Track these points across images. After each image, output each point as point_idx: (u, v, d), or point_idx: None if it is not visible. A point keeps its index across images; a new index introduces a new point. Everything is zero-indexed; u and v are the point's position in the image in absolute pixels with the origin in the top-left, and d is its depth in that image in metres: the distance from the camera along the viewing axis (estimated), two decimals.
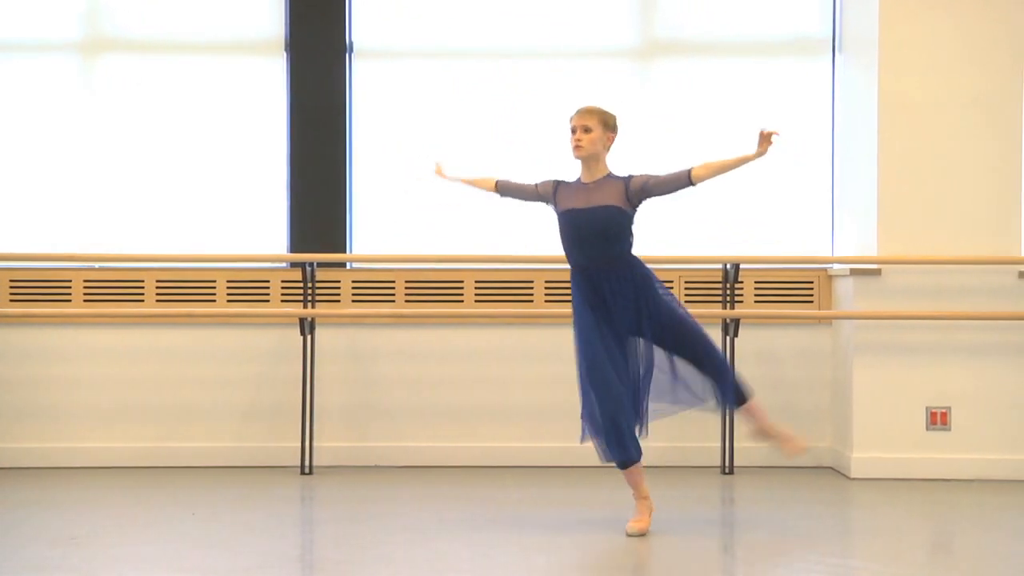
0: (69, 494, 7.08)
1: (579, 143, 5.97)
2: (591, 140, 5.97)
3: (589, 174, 6.03)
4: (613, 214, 5.93)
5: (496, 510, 6.66)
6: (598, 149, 6.00)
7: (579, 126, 5.98)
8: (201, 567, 5.39)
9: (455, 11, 8.15)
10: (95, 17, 8.10)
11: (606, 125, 6.01)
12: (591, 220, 5.93)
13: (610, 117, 6.04)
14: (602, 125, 6.00)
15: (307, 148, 8.04)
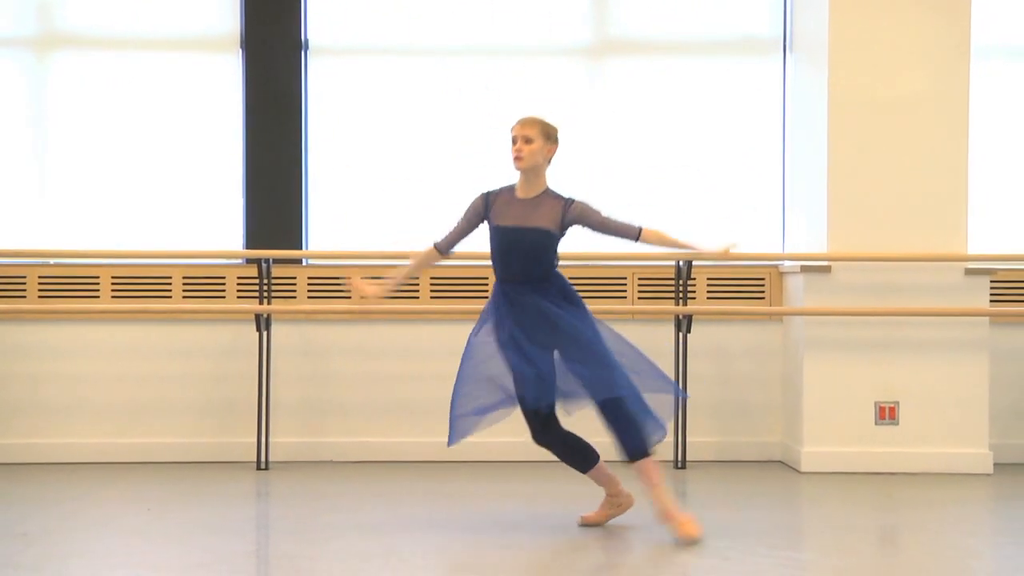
0: (20, 490, 7.00)
1: (520, 154, 5.78)
2: (531, 151, 5.78)
3: (526, 188, 5.85)
4: (542, 237, 5.78)
5: (450, 505, 6.64)
6: (538, 161, 5.81)
7: (520, 136, 5.80)
8: (155, 563, 5.34)
9: (409, 9, 8.11)
10: (48, 13, 8.02)
11: (548, 137, 5.83)
12: (521, 240, 5.77)
13: (552, 129, 5.86)
14: (543, 136, 5.82)
15: (263, 145, 8.00)
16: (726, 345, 8.00)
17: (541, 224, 5.78)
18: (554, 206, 5.81)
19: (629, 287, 8.00)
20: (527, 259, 5.79)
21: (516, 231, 5.78)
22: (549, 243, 5.81)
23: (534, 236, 5.77)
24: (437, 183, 8.07)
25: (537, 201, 5.83)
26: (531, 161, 5.79)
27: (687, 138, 8.18)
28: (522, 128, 5.82)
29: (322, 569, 5.27)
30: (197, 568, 5.21)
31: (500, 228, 5.82)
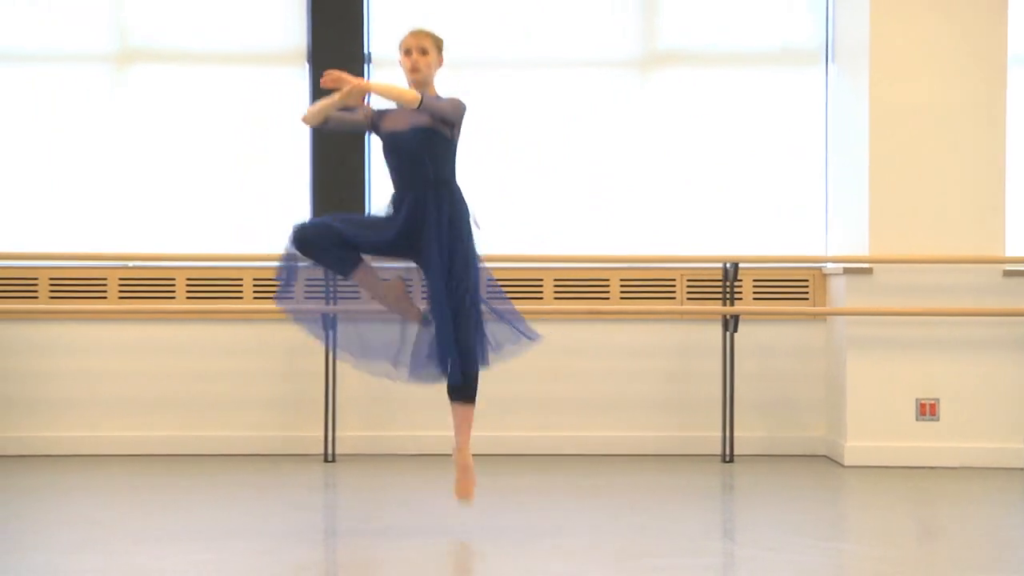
0: (97, 481, 7.13)
1: (416, 65, 5.55)
2: (427, 63, 5.57)
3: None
4: (424, 136, 5.52)
5: (507, 496, 6.70)
6: (432, 73, 5.60)
7: (416, 47, 5.56)
8: (221, 548, 5.44)
9: (465, 22, 8.18)
10: (127, 30, 8.15)
11: (439, 49, 5.63)
12: (401, 141, 5.55)
13: (441, 41, 5.65)
14: (436, 49, 5.61)
15: (328, 153, 8.08)
16: (771, 344, 8.04)
17: (420, 123, 5.53)
18: None
19: (678, 288, 8.05)
20: (414, 160, 5.56)
21: (404, 133, 5.56)
22: (438, 141, 5.58)
23: (422, 135, 5.54)
24: (492, 186, 8.14)
25: None
26: (427, 73, 5.59)
27: (732, 146, 8.21)
28: (417, 39, 5.60)
29: (388, 555, 5.36)
30: (267, 554, 5.33)
31: (384, 134, 5.61)
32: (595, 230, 8.14)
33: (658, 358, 8.04)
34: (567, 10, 8.18)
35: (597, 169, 8.18)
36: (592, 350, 8.04)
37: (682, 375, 8.04)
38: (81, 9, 8.09)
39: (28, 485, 6.99)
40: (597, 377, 8.03)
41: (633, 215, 8.17)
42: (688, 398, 8.02)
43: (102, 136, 8.11)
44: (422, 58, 5.59)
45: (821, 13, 8.14)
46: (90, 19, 8.11)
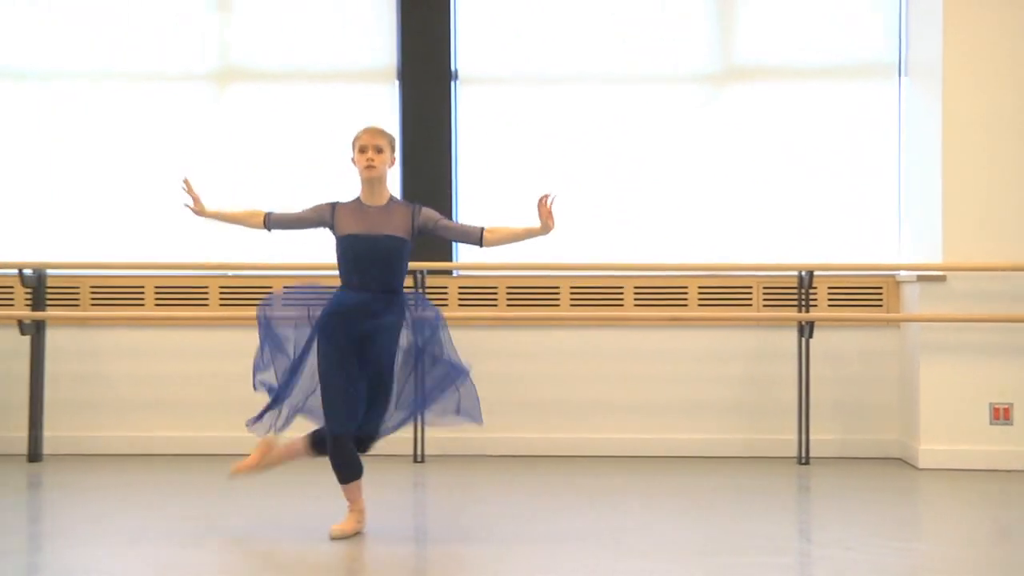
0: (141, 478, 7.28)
1: (372, 163, 5.57)
2: (383, 160, 5.60)
3: (372, 196, 5.64)
4: (398, 245, 5.58)
5: (588, 496, 6.74)
6: (386, 170, 5.63)
7: (371, 145, 5.59)
8: (318, 543, 5.53)
9: (545, 41, 8.23)
10: (227, 51, 8.29)
11: (392, 147, 5.66)
12: (375, 248, 5.55)
13: (393, 140, 5.71)
14: (390, 147, 5.64)
15: (417, 166, 8.17)
16: (846, 349, 8.00)
17: (396, 232, 5.59)
18: (403, 212, 5.64)
19: (754, 295, 8.04)
20: (383, 267, 5.57)
21: (368, 239, 5.57)
22: (403, 251, 5.62)
23: (389, 243, 5.57)
24: (574, 198, 8.18)
25: (386, 209, 5.64)
26: (383, 170, 5.61)
27: (808, 157, 8.19)
28: (372, 138, 5.62)
29: (474, 550, 5.42)
30: (365, 547, 5.41)
31: (349, 236, 5.59)
32: (674, 239, 8.16)
33: (735, 363, 8.04)
34: (647, 28, 8.20)
35: (676, 181, 8.20)
36: (671, 355, 8.05)
37: (758, 379, 8.02)
38: (184, 32, 8.25)
39: (120, 482, 7.14)
40: (676, 381, 8.04)
41: (711, 225, 8.18)
42: (764, 402, 8.01)
43: (203, 150, 8.25)
44: (377, 156, 5.61)
45: (895, 28, 8.10)
46: (193, 41, 8.26)
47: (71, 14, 8.26)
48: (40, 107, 8.30)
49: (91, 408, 8.08)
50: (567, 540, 5.62)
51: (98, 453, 7.97)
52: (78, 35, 8.26)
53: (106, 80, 8.28)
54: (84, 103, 8.28)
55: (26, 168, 8.30)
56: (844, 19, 8.16)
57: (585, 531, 5.81)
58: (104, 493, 6.79)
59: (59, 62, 8.27)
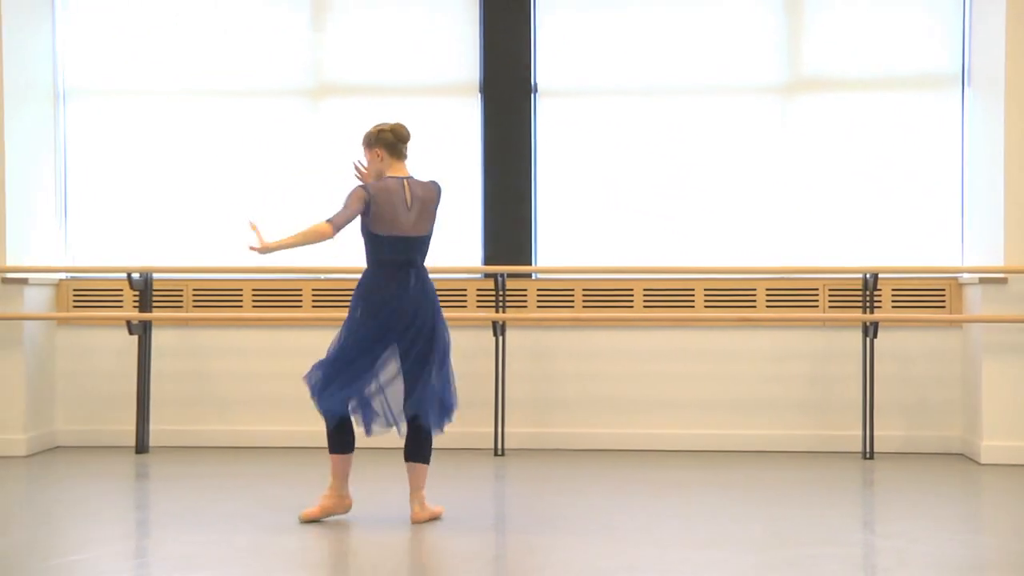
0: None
1: (359, 176, 5.89)
2: (368, 168, 5.85)
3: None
4: None
5: (657, 489, 6.73)
6: (375, 168, 5.80)
7: (354, 164, 5.90)
8: (401, 532, 5.57)
9: (621, 54, 8.22)
10: (320, 67, 8.39)
11: (368, 147, 5.81)
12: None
13: (368, 137, 5.83)
14: (365, 149, 5.82)
15: (499, 175, 8.21)
16: (909, 349, 7.91)
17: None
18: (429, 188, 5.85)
19: (820, 297, 7.98)
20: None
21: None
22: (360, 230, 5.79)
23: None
24: (648, 207, 8.19)
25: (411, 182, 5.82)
26: (370, 175, 5.84)
27: (872, 164, 8.11)
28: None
29: (552, 540, 5.44)
30: (444, 539, 5.45)
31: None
32: (744, 244, 8.12)
33: (802, 362, 7.99)
34: (718, 41, 8.18)
35: (745, 188, 8.16)
36: (739, 355, 8.02)
37: (824, 378, 7.96)
38: (281, 50, 8.36)
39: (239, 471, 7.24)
40: (744, 379, 8.01)
41: (779, 230, 8.13)
42: (830, 399, 7.95)
43: (298, 163, 8.33)
44: (360, 168, 5.89)
45: (958, 39, 8.00)
46: (289, 58, 8.37)
47: (175, 34, 8.40)
48: (148, 122, 8.44)
49: (193, 403, 8.22)
50: (639, 530, 5.63)
51: (200, 445, 8.10)
52: (183, 54, 8.40)
53: (209, 96, 8.41)
54: (189, 118, 8.41)
55: (135, 179, 8.46)
56: (908, 31, 8.08)
57: (656, 522, 5.81)
58: (205, 483, 6.90)
59: (167, 80, 8.41)
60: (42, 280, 8.09)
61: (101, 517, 6.02)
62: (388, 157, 5.81)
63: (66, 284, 8.26)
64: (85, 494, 6.63)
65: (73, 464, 7.54)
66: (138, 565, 5.12)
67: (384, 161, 5.81)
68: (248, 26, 8.37)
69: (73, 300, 8.25)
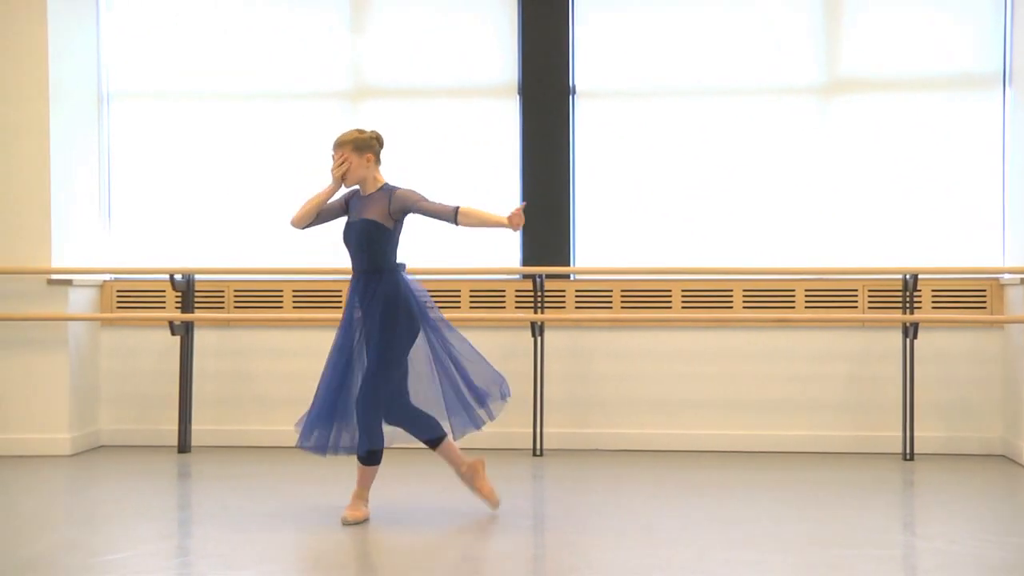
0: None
1: (333, 172, 5.83)
2: (351, 170, 5.80)
3: (365, 189, 5.85)
4: (371, 228, 5.73)
5: (695, 489, 6.70)
6: (360, 173, 5.79)
7: (336, 158, 5.83)
8: (441, 533, 5.57)
9: (659, 55, 8.21)
10: (359, 70, 8.41)
11: (359, 149, 5.79)
12: (356, 232, 5.76)
13: (361, 139, 5.81)
14: (355, 152, 5.78)
15: (537, 176, 8.20)
16: (950, 350, 7.84)
17: (371, 216, 5.75)
18: (381, 199, 5.79)
19: (860, 297, 7.93)
20: (361, 250, 5.76)
21: (354, 224, 5.80)
22: (378, 234, 5.76)
23: (364, 227, 5.75)
24: (684, 208, 8.16)
25: (371, 197, 5.82)
26: (353, 177, 5.82)
27: (912, 165, 8.05)
28: (335, 151, 5.83)
29: (591, 538, 5.42)
30: (483, 534, 5.44)
31: (347, 223, 5.86)
32: (782, 244, 8.07)
33: (841, 363, 7.93)
34: (756, 42, 8.14)
35: (784, 188, 8.11)
36: (778, 355, 7.97)
37: (864, 379, 7.90)
38: (321, 52, 8.39)
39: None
40: (783, 380, 7.96)
41: (818, 230, 8.08)
42: (870, 400, 7.89)
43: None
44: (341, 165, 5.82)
45: (999, 39, 7.92)
46: (329, 61, 8.40)
47: (216, 37, 8.45)
48: (189, 124, 8.50)
49: (235, 403, 8.25)
50: (677, 531, 5.60)
51: (241, 445, 8.14)
52: (223, 57, 8.44)
53: (249, 99, 8.45)
54: (229, 120, 8.46)
55: (177, 181, 8.51)
56: (948, 30, 8.01)
57: (695, 522, 5.78)
58: (246, 482, 6.93)
59: (207, 82, 8.46)
60: (86, 281, 8.15)
61: (143, 516, 6.05)
62: (374, 164, 5.88)
63: (110, 285, 8.32)
64: (128, 493, 6.67)
65: (116, 463, 7.59)
66: (180, 564, 5.15)
67: (370, 168, 5.86)
68: (288, 29, 8.41)
69: (117, 301, 8.31)
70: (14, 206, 7.83)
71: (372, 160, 5.85)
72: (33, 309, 7.83)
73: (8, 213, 7.83)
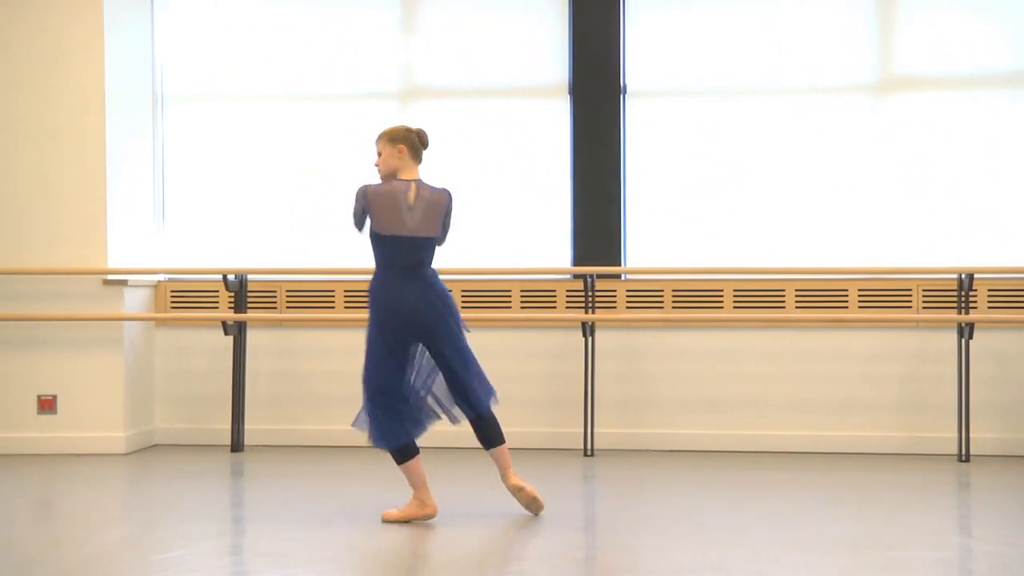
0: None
1: (377, 166, 5.88)
2: (383, 161, 5.84)
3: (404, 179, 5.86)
4: None
5: (750, 490, 6.67)
6: (393, 164, 5.82)
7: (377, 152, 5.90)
8: (492, 532, 5.58)
9: (710, 54, 8.18)
10: (410, 71, 8.45)
11: (392, 141, 5.82)
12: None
13: (395, 132, 5.85)
14: (389, 144, 5.82)
15: (587, 177, 8.20)
16: (1006, 350, 7.76)
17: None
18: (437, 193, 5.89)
19: (914, 297, 7.86)
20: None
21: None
22: None
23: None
24: (735, 207, 8.13)
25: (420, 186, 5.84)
26: (385, 169, 5.84)
27: (966, 163, 7.97)
28: (376, 145, 5.90)
29: (642, 540, 5.42)
30: (533, 535, 5.45)
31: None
32: (836, 244, 8.02)
33: (895, 363, 7.87)
34: (809, 40, 8.09)
35: (837, 187, 8.06)
36: (831, 356, 7.92)
37: (918, 379, 7.84)
38: (371, 53, 8.43)
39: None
40: (836, 380, 7.91)
41: (870, 230, 8.02)
42: (924, 400, 7.82)
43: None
44: (378, 159, 5.87)
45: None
46: (379, 62, 8.44)
47: (268, 40, 8.52)
48: (242, 126, 8.57)
49: (287, 402, 8.31)
50: (729, 531, 5.58)
51: (294, 444, 8.20)
52: (275, 58, 8.51)
53: (300, 100, 8.51)
54: (281, 121, 8.52)
55: (230, 182, 8.58)
56: (1002, 26, 7.92)
57: (747, 523, 5.76)
58: (299, 481, 6.98)
59: (259, 84, 8.53)
60: (141, 282, 8.24)
61: (198, 513, 6.11)
62: (408, 157, 5.88)
63: (164, 285, 8.41)
64: (182, 491, 6.74)
65: (170, 462, 7.67)
66: (234, 562, 5.20)
67: (403, 159, 5.86)
68: (339, 30, 8.46)
69: (171, 301, 8.40)
70: (71, 208, 7.93)
71: (405, 152, 5.86)
72: (89, 309, 7.93)
73: (65, 215, 7.93)
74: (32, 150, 7.93)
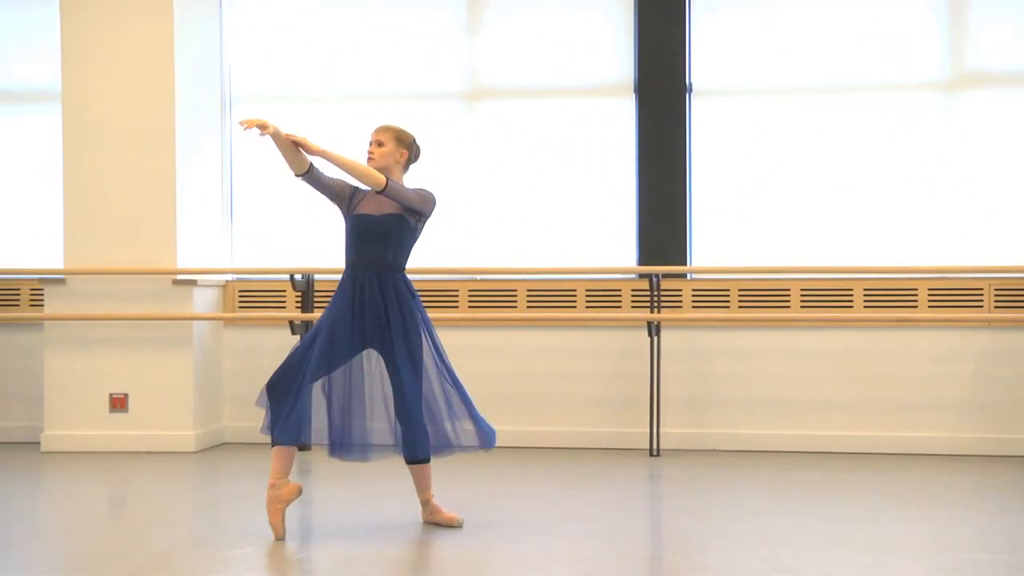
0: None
1: (371, 155, 5.74)
2: (383, 153, 5.72)
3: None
4: (396, 222, 5.68)
5: (815, 491, 6.63)
6: (388, 162, 5.71)
7: (375, 140, 5.77)
8: (559, 532, 5.61)
9: (776, 52, 8.15)
10: (475, 71, 8.49)
11: (400, 142, 5.75)
12: (377, 224, 5.68)
13: (406, 136, 5.78)
14: (395, 141, 5.75)
15: (653, 176, 8.19)
16: None
17: (394, 211, 5.69)
18: None
19: (985, 297, 7.77)
20: (381, 242, 5.71)
21: (373, 217, 5.71)
22: (404, 229, 5.71)
23: (389, 221, 5.68)
24: (802, 206, 8.09)
25: None
26: (381, 162, 5.72)
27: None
28: (377, 133, 5.80)
29: (707, 544, 5.41)
30: (595, 537, 5.47)
31: (359, 215, 5.76)
32: (903, 242, 7.95)
33: (966, 363, 7.78)
34: (878, 37, 8.03)
35: (906, 185, 7.99)
36: (900, 355, 7.85)
37: (991, 379, 7.75)
38: (437, 53, 8.48)
39: None
40: (905, 381, 7.84)
41: (940, 228, 7.94)
42: (997, 401, 7.73)
43: (454, 165, 8.42)
44: (378, 149, 5.75)
45: None
46: (444, 62, 8.49)
47: (334, 40, 8.59)
48: (306, 126, 8.58)
49: None
50: (796, 532, 5.56)
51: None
52: (341, 59, 8.58)
53: (366, 100, 8.57)
54: (345, 121, 8.57)
55: (296, 183, 8.62)
56: None
57: (814, 524, 5.73)
58: (363, 479, 7.02)
59: (324, 84, 8.62)
60: (210, 281, 8.35)
61: (265, 511, 6.16)
62: (403, 163, 5.86)
63: (232, 285, 8.51)
64: (251, 488, 6.80)
65: (239, 460, 7.77)
66: (302, 560, 5.25)
67: (398, 163, 5.83)
68: (404, 30, 8.52)
69: (239, 301, 8.50)
70: (142, 209, 8.05)
71: (405, 159, 5.85)
72: (159, 309, 8.05)
73: (136, 216, 8.05)
74: (102, 152, 8.06)
